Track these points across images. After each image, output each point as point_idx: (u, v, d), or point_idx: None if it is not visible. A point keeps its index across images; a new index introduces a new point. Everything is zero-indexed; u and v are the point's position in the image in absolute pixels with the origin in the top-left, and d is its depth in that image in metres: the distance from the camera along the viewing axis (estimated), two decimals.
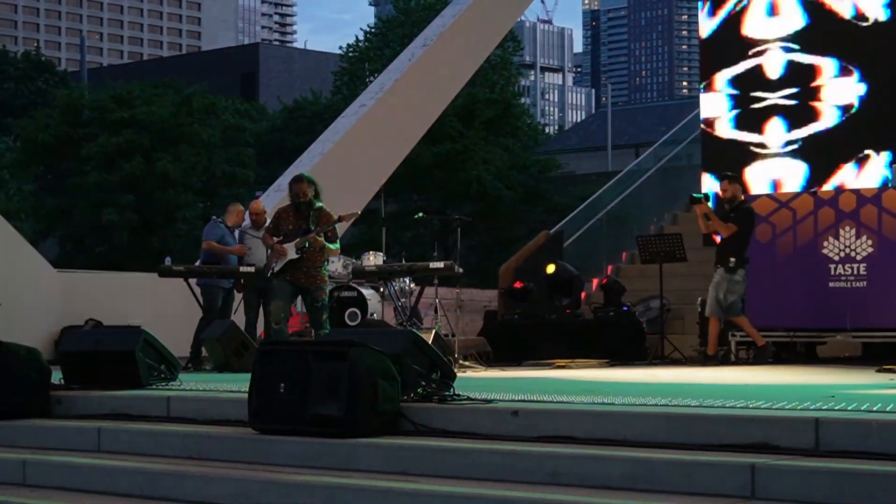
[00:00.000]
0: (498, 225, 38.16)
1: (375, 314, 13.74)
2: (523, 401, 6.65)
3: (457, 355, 11.40)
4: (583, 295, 15.41)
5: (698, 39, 17.67)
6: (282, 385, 6.42)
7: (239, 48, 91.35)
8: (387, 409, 6.30)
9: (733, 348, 12.50)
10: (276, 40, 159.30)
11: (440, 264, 12.57)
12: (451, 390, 6.73)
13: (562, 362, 12.36)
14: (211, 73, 63.91)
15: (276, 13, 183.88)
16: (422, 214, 15.71)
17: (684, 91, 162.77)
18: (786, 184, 15.30)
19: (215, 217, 13.40)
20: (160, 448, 6.80)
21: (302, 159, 16.87)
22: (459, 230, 13.73)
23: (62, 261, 31.18)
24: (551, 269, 14.69)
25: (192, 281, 12.77)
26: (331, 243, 10.64)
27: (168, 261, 13.09)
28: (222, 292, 12.82)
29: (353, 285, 13.76)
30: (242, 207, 13.51)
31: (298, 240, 10.52)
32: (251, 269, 12.47)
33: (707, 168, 16.09)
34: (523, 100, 60.20)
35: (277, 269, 10.60)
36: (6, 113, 54.68)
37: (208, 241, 12.95)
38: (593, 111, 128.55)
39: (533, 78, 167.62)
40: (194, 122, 39.51)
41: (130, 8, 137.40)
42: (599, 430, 5.86)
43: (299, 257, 10.50)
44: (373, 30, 50.87)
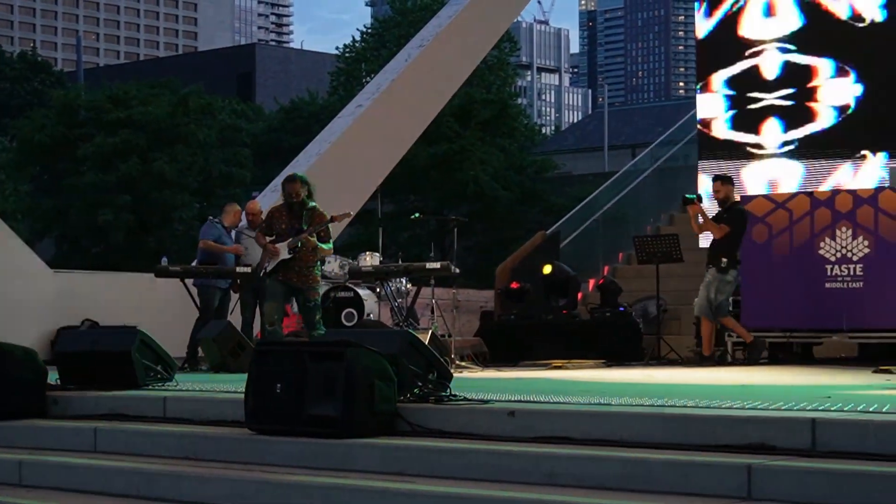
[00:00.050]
0: (494, 225, 38.19)
1: (372, 314, 13.74)
2: (520, 401, 6.65)
3: (453, 356, 11.39)
4: (579, 295, 15.41)
5: (695, 40, 17.71)
6: (278, 385, 6.42)
7: (235, 48, 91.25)
8: (383, 410, 6.30)
9: (730, 349, 12.50)
10: (272, 41, 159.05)
11: (437, 265, 12.55)
12: (448, 391, 6.73)
13: (558, 363, 12.35)
14: (207, 73, 63.88)
15: (272, 13, 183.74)
16: (418, 215, 15.66)
17: (681, 92, 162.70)
18: (782, 184, 15.32)
19: (212, 217, 13.40)
20: (156, 448, 6.79)
21: (298, 160, 16.85)
22: (456, 231, 13.76)
23: (58, 261, 31.10)
24: (548, 269, 14.69)
25: (188, 281, 12.77)
26: (323, 243, 10.65)
27: (164, 261, 13.08)
28: (219, 292, 12.81)
29: (350, 286, 13.75)
30: (239, 208, 13.49)
31: (291, 239, 10.53)
32: (248, 270, 12.47)
33: (703, 168, 16.11)
34: (520, 100, 60.08)
35: (270, 268, 10.62)
36: (2, 113, 54.64)
37: (205, 241, 12.95)
38: (590, 112, 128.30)
39: (529, 78, 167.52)
40: (191, 123, 39.52)
41: (127, 8, 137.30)
42: (596, 430, 5.86)
43: (291, 257, 10.52)
44: (369, 30, 50.83)
